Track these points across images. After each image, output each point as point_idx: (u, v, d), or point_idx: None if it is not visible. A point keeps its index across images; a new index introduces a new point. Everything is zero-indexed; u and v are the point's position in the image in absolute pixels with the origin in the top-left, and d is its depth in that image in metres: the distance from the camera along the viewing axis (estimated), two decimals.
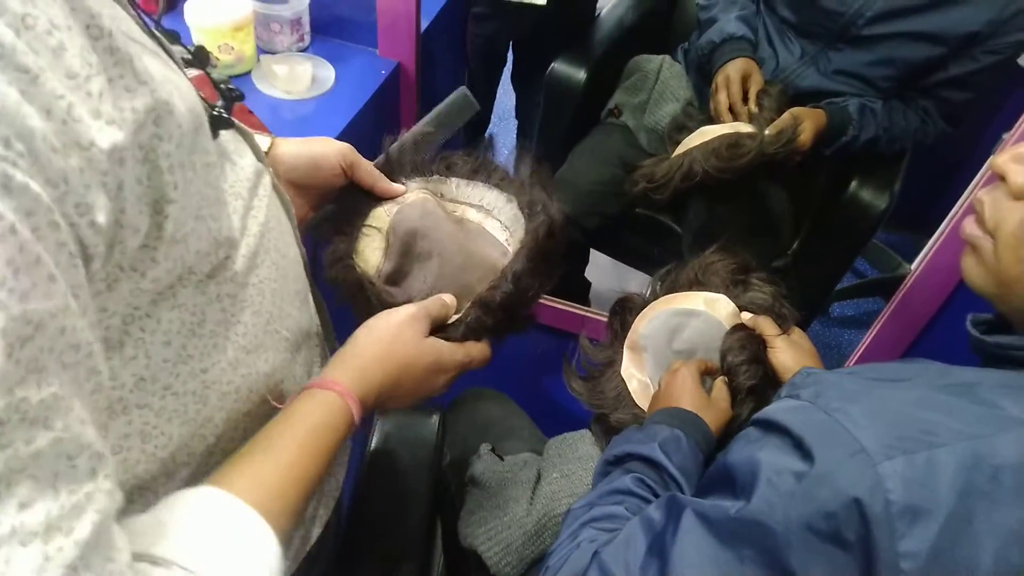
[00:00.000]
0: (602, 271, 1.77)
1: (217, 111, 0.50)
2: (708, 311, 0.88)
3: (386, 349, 0.59)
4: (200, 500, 0.42)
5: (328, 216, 0.74)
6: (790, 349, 0.82)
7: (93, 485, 0.31)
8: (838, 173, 1.41)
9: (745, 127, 1.26)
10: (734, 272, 0.93)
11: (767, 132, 1.23)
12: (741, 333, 0.86)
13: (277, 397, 0.55)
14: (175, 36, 0.55)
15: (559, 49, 1.49)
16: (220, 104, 0.53)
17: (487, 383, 1.12)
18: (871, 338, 1.13)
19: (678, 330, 0.89)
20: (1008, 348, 0.52)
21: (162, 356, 0.43)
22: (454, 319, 0.66)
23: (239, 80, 1.25)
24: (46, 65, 0.30)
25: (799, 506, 0.45)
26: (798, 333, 0.87)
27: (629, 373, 0.90)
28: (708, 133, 1.28)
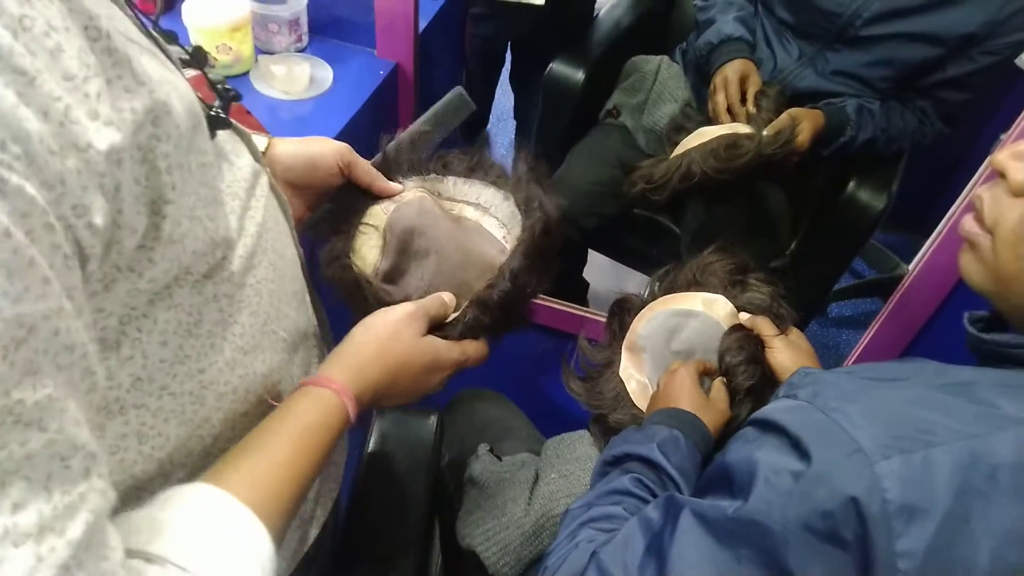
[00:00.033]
0: (600, 272, 1.77)
1: (214, 111, 0.50)
2: (706, 311, 0.88)
3: (383, 347, 0.59)
4: (194, 497, 0.42)
5: (325, 215, 0.74)
6: (788, 349, 0.83)
7: (87, 485, 0.31)
8: (836, 174, 1.42)
9: (743, 128, 1.26)
10: (732, 272, 0.93)
11: (765, 133, 1.23)
12: (739, 333, 0.86)
13: (275, 398, 0.55)
14: (173, 36, 0.55)
15: (557, 50, 1.49)
16: (217, 104, 0.53)
17: (485, 384, 1.12)
18: (869, 338, 1.13)
19: (676, 330, 0.89)
20: (1005, 346, 0.52)
21: (159, 356, 0.42)
22: (452, 318, 0.66)
23: (237, 80, 1.25)
24: (43, 67, 0.30)
25: (797, 505, 0.45)
26: (796, 333, 0.87)
27: (628, 373, 0.90)
28: (706, 134, 1.28)
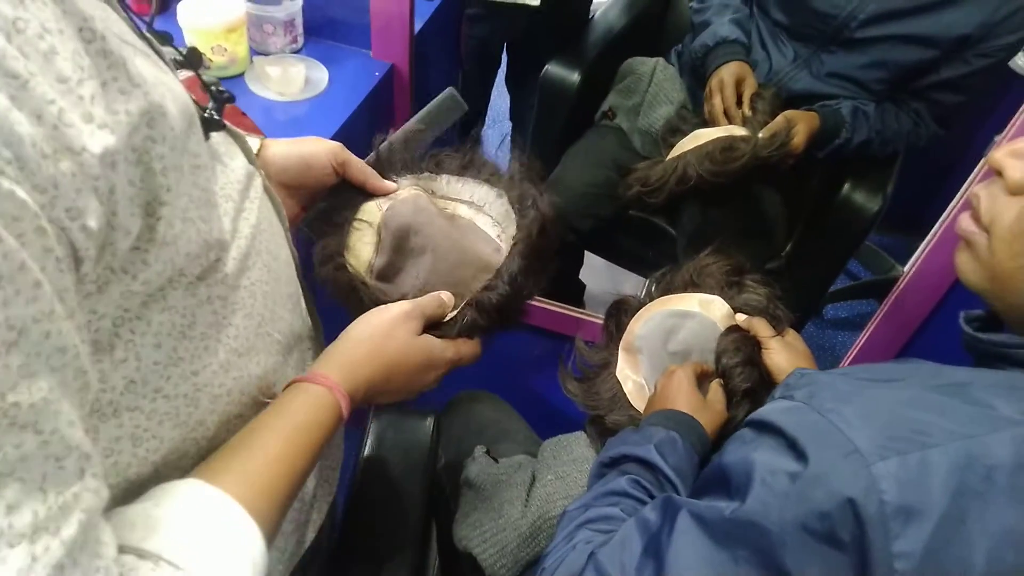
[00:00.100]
0: (597, 273, 1.78)
1: (208, 113, 0.50)
2: (703, 312, 0.88)
3: (377, 345, 0.59)
4: (187, 494, 0.42)
5: (320, 213, 0.74)
6: (784, 350, 0.83)
7: (81, 485, 0.31)
8: (831, 176, 1.42)
9: (739, 130, 1.26)
10: (729, 274, 0.93)
11: (761, 135, 1.23)
12: (736, 334, 0.86)
13: (269, 399, 0.55)
14: (168, 37, 0.55)
15: (553, 51, 1.49)
16: (211, 106, 0.52)
17: (482, 385, 1.12)
18: (864, 340, 1.13)
19: (673, 331, 0.89)
20: (1001, 346, 0.52)
21: (152, 359, 0.42)
22: (449, 318, 0.66)
23: (232, 82, 1.25)
24: (37, 70, 0.30)
25: (793, 506, 0.45)
26: (792, 334, 0.87)
27: (624, 374, 0.90)
28: (702, 136, 1.28)
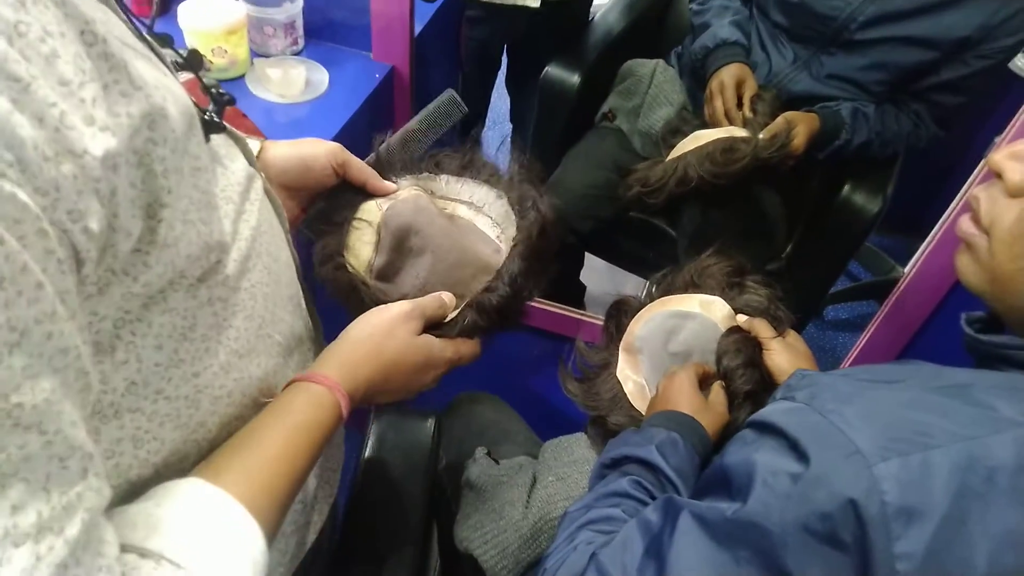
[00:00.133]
0: (597, 275, 1.78)
1: (208, 115, 0.50)
2: (704, 313, 0.88)
3: (377, 345, 0.59)
4: (188, 493, 0.42)
5: (319, 213, 0.74)
6: (785, 351, 0.83)
7: (84, 485, 0.32)
8: (831, 177, 1.42)
9: (739, 132, 1.26)
10: (730, 275, 0.93)
11: (761, 137, 1.23)
12: (737, 335, 0.86)
13: (270, 400, 0.55)
14: (168, 39, 0.55)
15: (553, 53, 1.49)
16: (211, 108, 0.53)
17: (482, 387, 1.12)
18: (865, 341, 1.13)
19: (674, 332, 0.89)
20: (1002, 347, 0.52)
21: (154, 360, 0.42)
22: (449, 318, 0.66)
23: (233, 84, 1.25)
24: (38, 73, 0.30)
25: (795, 507, 0.45)
26: (793, 336, 0.87)
27: (625, 375, 0.90)
28: (702, 137, 1.28)
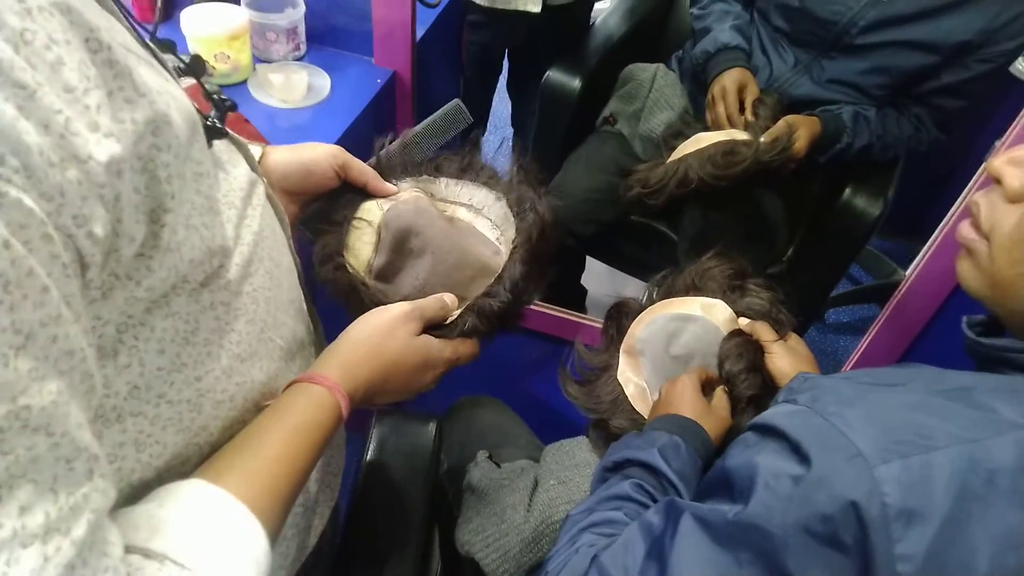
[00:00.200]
0: (598, 278, 1.78)
1: (211, 121, 0.50)
2: (705, 316, 0.88)
3: (376, 346, 0.60)
4: (191, 494, 0.43)
5: (319, 213, 0.74)
6: (787, 355, 0.83)
7: (90, 486, 0.32)
8: (832, 180, 1.42)
9: (740, 135, 1.26)
10: (731, 278, 0.93)
11: (762, 140, 1.23)
12: (738, 339, 0.86)
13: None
14: (171, 45, 0.55)
15: (554, 57, 1.50)
16: (213, 114, 0.53)
17: (484, 390, 1.12)
18: (867, 344, 1.13)
19: (676, 335, 0.89)
20: (1003, 350, 0.52)
21: (156, 364, 0.43)
22: (449, 320, 0.66)
23: (235, 89, 1.25)
24: (44, 80, 0.30)
25: (796, 509, 0.45)
26: (795, 339, 0.87)
27: (626, 377, 0.90)
28: (703, 140, 1.28)
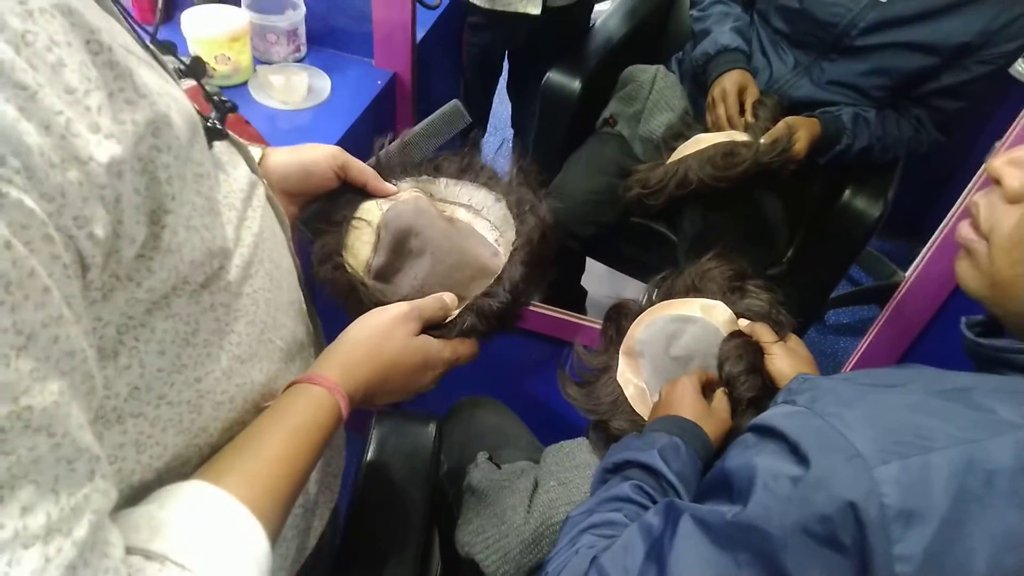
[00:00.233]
0: (598, 280, 1.78)
1: (211, 122, 0.50)
2: (705, 317, 0.88)
3: (375, 346, 0.60)
4: (192, 495, 0.43)
5: (318, 213, 0.74)
6: (787, 356, 0.83)
7: (91, 487, 0.32)
8: (832, 182, 1.42)
9: (740, 136, 1.26)
10: (731, 279, 0.93)
11: (762, 141, 1.23)
12: (738, 340, 0.86)
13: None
14: (172, 47, 0.55)
15: (554, 59, 1.50)
16: (213, 115, 0.53)
17: (484, 391, 1.12)
18: (866, 345, 1.13)
19: (675, 336, 0.89)
20: (1002, 351, 0.52)
21: (156, 365, 0.43)
22: (449, 320, 0.66)
23: (235, 90, 1.25)
24: (45, 81, 0.30)
25: (795, 510, 0.45)
26: (795, 340, 0.87)
27: (626, 378, 0.90)
28: (703, 141, 1.28)
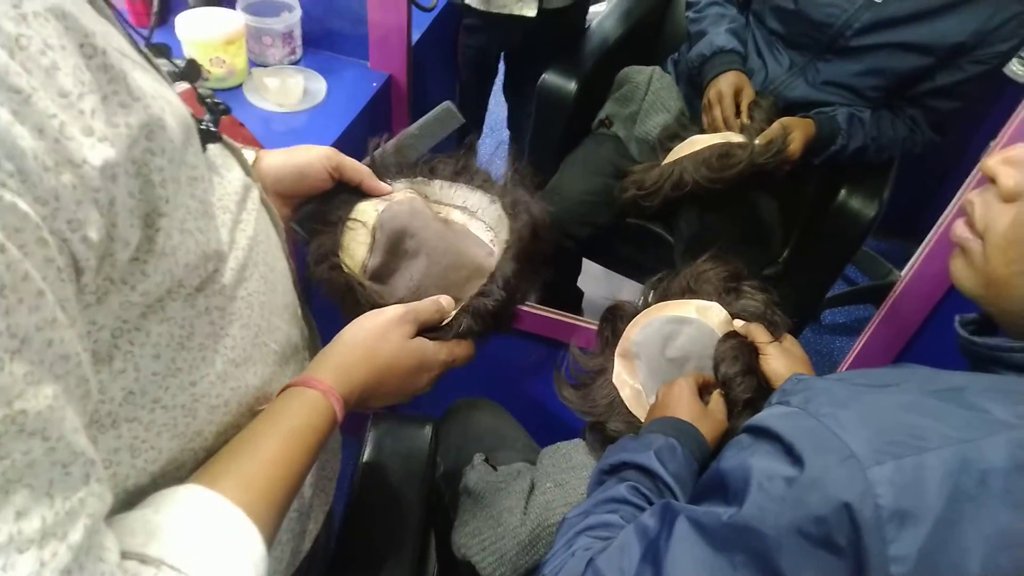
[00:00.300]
0: (595, 281, 1.78)
1: (205, 125, 0.50)
2: (700, 319, 0.89)
3: (370, 349, 0.60)
4: (187, 499, 0.43)
5: (314, 213, 0.74)
6: (782, 356, 0.83)
7: (86, 490, 0.32)
8: (827, 182, 1.42)
9: (736, 137, 1.27)
10: (726, 280, 0.93)
11: (757, 142, 1.24)
12: (734, 341, 0.86)
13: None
14: (166, 50, 0.55)
15: (550, 60, 1.50)
16: (207, 118, 0.53)
17: (480, 393, 1.12)
18: (862, 344, 1.13)
19: (671, 337, 0.89)
20: (996, 349, 0.52)
21: (151, 369, 0.43)
22: (445, 323, 0.66)
23: (231, 93, 1.25)
24: (39, 85, 0.30)
25: (790, 511, 0.45)
26: (790, 340, 0.87)
27: (622, 380, 0.90)
28: (698, 143, 1.29)
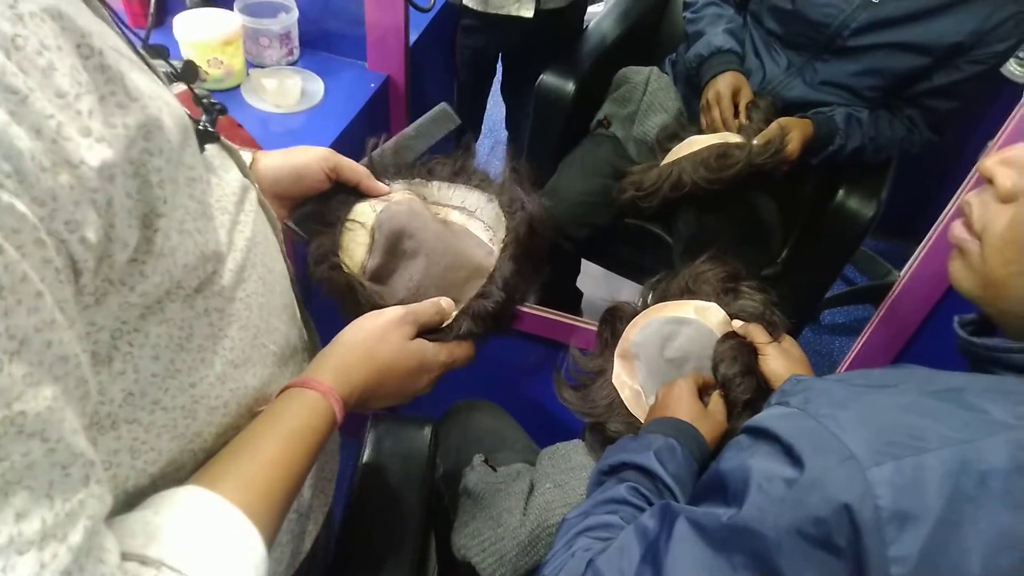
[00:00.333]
0: (594, 281, 1.78)
1: (202, 126, 0.50)
2: (699, 319, 0.89)
3: (370, 350, 0.60)
4: (187, 501, 0.42)
5: (312, 213, 0.74)
6: (781, 357, 0.83)
7: (86, 492, 0.32)
8: (826, 182, 1.43)
9: (733, 137, 1.27)
10: (725, 280, 0.93)
11: (755, 143, 1.24)
12: (733, 341, 0.86)
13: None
14: (164, 51, 0.55)
15: (548, 61, 1.50)
16: (204, 119, 0.53)
17: (480, 394, 1.12)
18: (861, 345, 1.13)
19: (670, 338, 0.89)
20: (994, 350, 0.52)
21: (151, 371, 0.42)
22: (445, 325, 0.66)
23: (228, 94, 1.25)
24: (35, 85, 0.30)
25: (790, 512, 0.45)
26: (789, 341, 0.87)
27: (621, 381, 0.90)
28: (696, 143, 1.29)
